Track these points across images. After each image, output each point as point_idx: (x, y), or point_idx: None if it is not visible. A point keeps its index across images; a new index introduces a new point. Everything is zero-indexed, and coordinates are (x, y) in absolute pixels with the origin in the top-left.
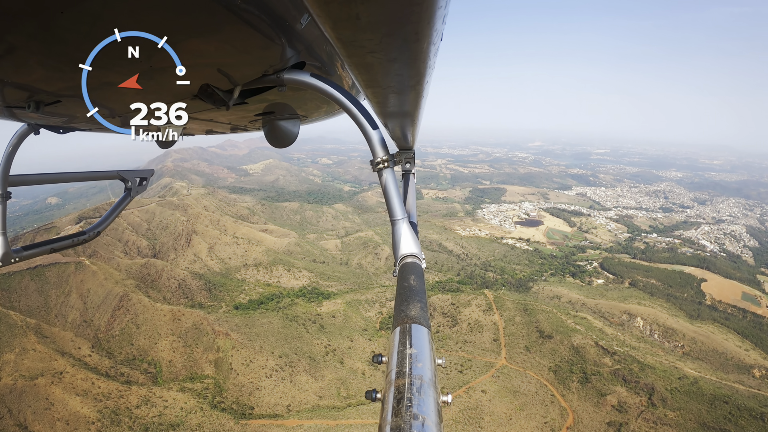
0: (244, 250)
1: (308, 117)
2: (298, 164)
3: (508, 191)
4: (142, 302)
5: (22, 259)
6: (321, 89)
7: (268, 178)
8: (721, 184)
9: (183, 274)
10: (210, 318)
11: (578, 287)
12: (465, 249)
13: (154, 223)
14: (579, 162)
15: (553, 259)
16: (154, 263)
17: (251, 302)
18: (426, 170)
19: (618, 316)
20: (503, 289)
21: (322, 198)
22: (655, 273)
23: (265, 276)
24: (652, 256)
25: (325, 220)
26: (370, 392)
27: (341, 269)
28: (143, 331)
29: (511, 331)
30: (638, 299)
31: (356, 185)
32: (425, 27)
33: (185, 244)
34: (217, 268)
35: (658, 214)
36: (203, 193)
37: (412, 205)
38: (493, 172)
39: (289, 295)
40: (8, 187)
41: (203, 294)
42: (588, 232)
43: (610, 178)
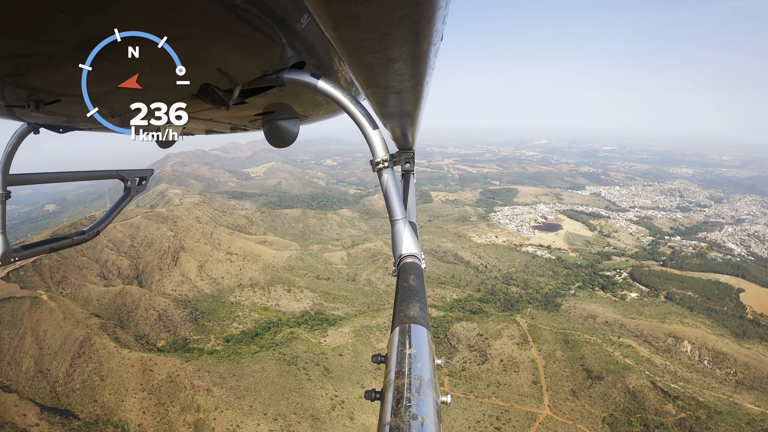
0: (238, 267)
1: (308, 117)
2: (301, 166)
3: (520, 192)
4: (106, 347)
5: (21, 258)
6: (321, 89)
7: (270, 181)
8: (734, 180)
9: (164, 303)
10: (188, 368)
11: (612, 303)
12: (483, 259)
13: (138, 239)
14: (588, 160)
15: (578, 269)
16: (130, 291)
17: (244, 334)
18: (433, 171)
19: (663, 340)
20: (530, 307)
21: (326, 202)
22: (690, 283)
23: (261, 298)
24: (682, 264)
25: (329, 228)
26: (369, 392)
27: (348, 287)
28: (108, 384)
29: (552, 370)
30: (679, 316)
31: (362, 187)
32: (425, 27)
33: (172, 263)
34: (208, 289)
35: (677, 214)
36: (197, 201)
37: (411, 205)
38: (502, 171)
39: (289, 323)
40: (8, 187)
41: (188, 326)
42: (610, 236)
43: (622, 176)
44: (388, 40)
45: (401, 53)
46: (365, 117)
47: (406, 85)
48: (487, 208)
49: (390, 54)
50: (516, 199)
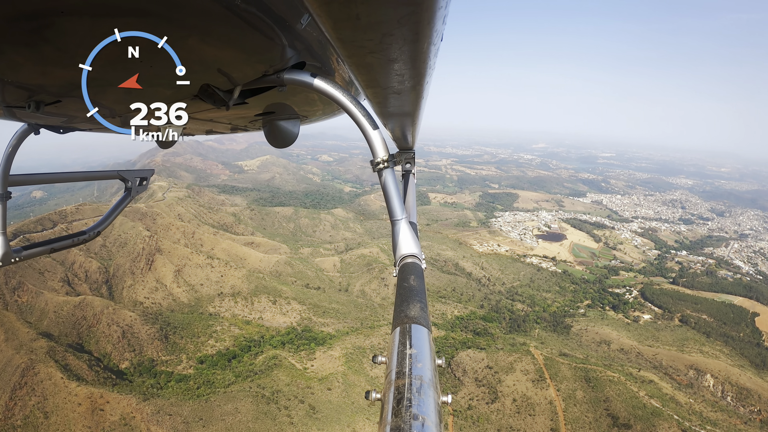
0: (219, 274)
1: (308, 117)
2: (297, 161)
3: (521, 197)
4: (52, 378)
5: (22, 258)
6: (321, 89)
7: (264, 176)
8: (734, 193)
9: (130, 318)
10: (146, 409)
11: (625, 326)
12: (485, 271)
13: (111, 238)
14: (586, 166)
15: (586, 285)
16: (91, 303)
17: (221, 355)
18: (431, 171)
19: (684, 373)
20: (537, 327)
21: (320, 200)
22: (704, 305)
23: (244, 310)
24: (693, 282)
25: (322, 230)
26: (369, 392)
27: (340, 298)
28: (54, 422)
29: (574, 415)
30: (697, 343)
31: (357, 185)
32: (425, 27)
33: (146, 266)
34: (185, 297)
35: (681, 226)
36: (182, 196)
37: (412, 205)
38: (501, 174)
39: (272, 341)
40: (8, 187)
41: (156, 345)
42: (615, 248)
43: (622, 185)
44: (388, 41)
45: (401, 53)
46: (365, 117)
47: (406, 86)
48: (487, 212)
49: (390, 54)
50: (516, 204)
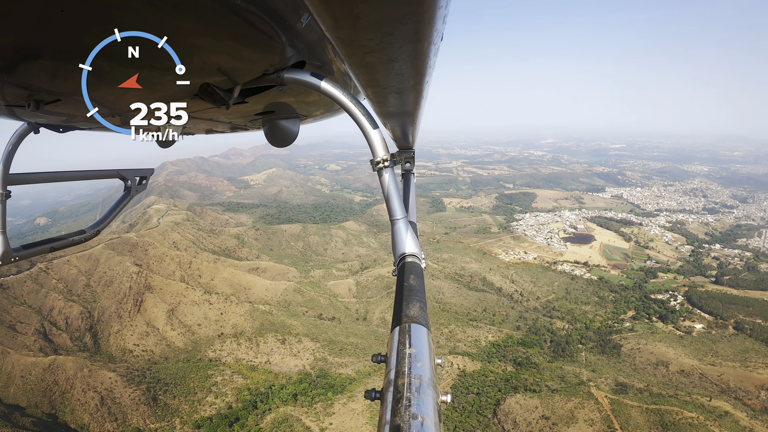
0: (219, 311)
1: (308, 116)
2: (304, 171)
3: (539, 196)
4: None
5: (22, 258)
6: (321, 88)
7: (270, 190)
8: (753, 177)
9: (109, 381)
10: None
11: (678, 340)
12: (516, 284)
13: (96, 276)
14: (599, 159)
15: (626, 292)
16: (63, 364)
17: (221, 417)
18: (443, 174)
19: (755, 395)
20: (583, 349)
21: (330, 213)
22: (756, 308)
23: (248, 353)
24: (737, 281)
25: (333, 247)
26: (369, 391)
27: (358, 330)
28: None
29: None
30: (759, 355)
31: (368, 194)
32: (425, 27)
33: (134, 308)
34: (180, 341)
35: (707, 217)
36: (181, 219)
37: (411, 205)
38: (514, 173)
39: (281, 394)
40: (8, 186)
41: (142, 411)
42: (647, 246)
43: (638, 176)
44: (388, 40)
45: (401, 53)
46: (365, 116)
47: (407, 85)
48: (506, 216)
49: (390, 53)
50: (535, 204)
